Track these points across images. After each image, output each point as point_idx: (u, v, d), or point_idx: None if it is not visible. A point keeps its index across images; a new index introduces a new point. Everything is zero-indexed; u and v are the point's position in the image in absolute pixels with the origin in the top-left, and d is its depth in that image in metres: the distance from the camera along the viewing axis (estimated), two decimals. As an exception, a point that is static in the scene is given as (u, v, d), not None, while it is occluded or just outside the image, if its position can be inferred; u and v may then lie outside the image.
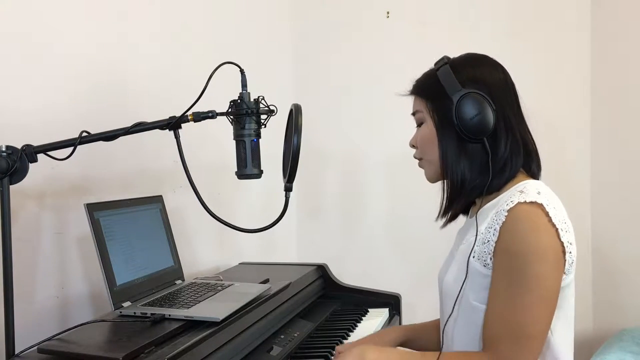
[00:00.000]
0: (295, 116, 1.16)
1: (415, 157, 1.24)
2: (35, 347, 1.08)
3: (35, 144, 1.14)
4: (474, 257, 1.09)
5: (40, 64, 1.33)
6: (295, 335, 1.47)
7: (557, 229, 1.02)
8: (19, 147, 1.12)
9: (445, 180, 1.17)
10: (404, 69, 1.22)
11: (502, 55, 1.20)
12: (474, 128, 1.09)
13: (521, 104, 1.17)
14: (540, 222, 1.02)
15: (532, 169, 1.16)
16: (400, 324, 1.81)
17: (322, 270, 1.88)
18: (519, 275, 1.01)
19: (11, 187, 1.10)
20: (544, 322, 1.03)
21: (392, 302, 1.83)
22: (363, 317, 1.72)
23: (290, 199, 1.18)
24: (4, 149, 1.10)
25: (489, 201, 1.13)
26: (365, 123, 2.53)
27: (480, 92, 1.09)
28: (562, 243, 1.02)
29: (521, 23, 2.41)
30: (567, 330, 1.11)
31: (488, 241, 1.06)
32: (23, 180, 1.13)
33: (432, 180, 1.21)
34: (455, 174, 1.13)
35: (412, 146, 1.24)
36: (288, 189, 1.18)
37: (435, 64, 1.17)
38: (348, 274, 2.10)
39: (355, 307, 1.81)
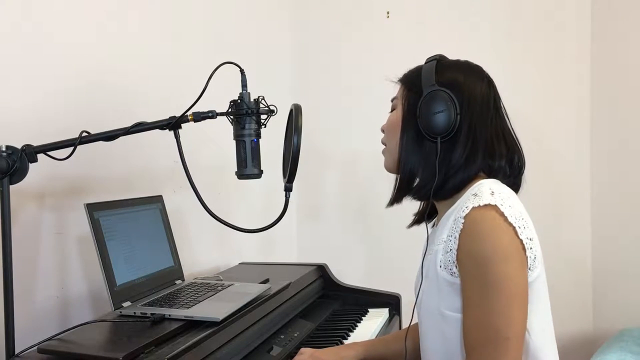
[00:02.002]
0: (295, 116, 1.16)
1: (381, 142, 1.24)
2: (35, 347, 1.08)
3: (35, 144, 1.14)
4: (440, 266, 1.08)
5: (40, 64, 1.33)
6: (295, 335, 1.47)
7: (514, 227, 1.01)
8: (19, 147, 1.12)
9: (400, 172, 1.17)
10: (403, 69, 1.22)
11: (501, 56, 1.20)
12: (432, 125, 1.09)
13: (504, 117, 1.16)
14: (496, 223, 1.01)
15: (494, 170, 1.13)
16: (400, 324, 1.82)
17: (322, 270, 1.88)
18: (486, 279, 1.01)
19: (11, 187, 1.10)
20: (518, 322, 1.02)
21: (392, 302, 1.83)
22: (363, 317, 1.72)
23: (290, 199, 1.18)
24: (4, 149, 1.10)
25: (449, 207, 1.12)
26: (365, 123, 2.52)
27: (450, 93, 1.09)
28: (521, 240, 1.02)
29: (521, 24, 2.41)
30: (544, 325, 1.10)
31: (450, 249, 1.05)
32: (23, 180, 1.13)
33: (390, 169, 1.21)
34: (407, 166, 1.14)
35: (383, 131, 1.23)
36: (288, 189, 1.18)
37: (426, 59, 1.19)
38: (348, 274, 2.10)
39: (355, 307, 1.81)
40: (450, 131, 1.09)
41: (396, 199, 1.21)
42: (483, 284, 1.01)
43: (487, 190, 1.05)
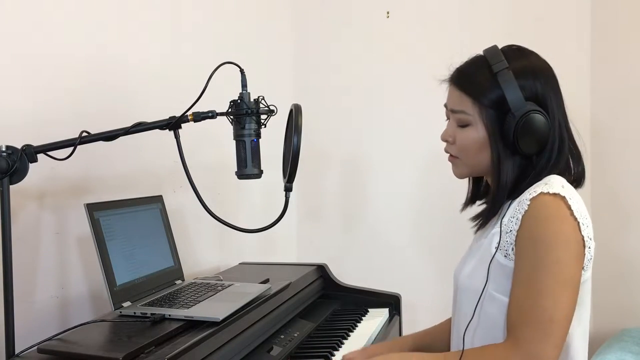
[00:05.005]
0: (295, 116, 1.16)
1: (448, 152, 1.19)
2: (35, 347, 1.08)
3: (35, 144, 1.14)
4: (496, 247, 1.08)
5: (40, 64, 1.33)
6: (295, 335, 1.47)
7: (578, 223, 1.02)
8: (19, 147, 1.12)
9: (494, 185, 1.14)
10: (404, 69, 1.22)
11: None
12: (530, 149, 1.08)
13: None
14: (562, 212, 1.02)
15: (570, 169, 1.15)
16: (400, 324, 1.81)
17: (322, 270, 1.88)
18: (541, 261, 1.00)
19: (11, 187, 1.10)
20: (565, 307, 1.01)
21: (392, 302, 1.83)
22: (363, 317, 1.72)
23: (290, 199, 1.18)
24: (4, 149, 1.10)
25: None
26: (365, 123, 2.53)
27: (543, 112, 1.08)
28: (582, 237, 1.03)
29: (521, 23, 2.41)
30: (583, 326, 1.12)
31: (510, 231, 1.06)
32: (23, 180, 1.13)
33: (463, 177, 1.21)
34: (506, 178, 1.11)
35: (446, 141, 1.18)
36: (288, 189, 1.18)
37: (491, 61, 1.12)
38: (348, 274, 2.10)
39: (355, 307, 1.80)
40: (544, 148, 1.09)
41: (492, 211, 1.14)
42: (537, 266, 1.01)
43: (558, 183, 1.06)
